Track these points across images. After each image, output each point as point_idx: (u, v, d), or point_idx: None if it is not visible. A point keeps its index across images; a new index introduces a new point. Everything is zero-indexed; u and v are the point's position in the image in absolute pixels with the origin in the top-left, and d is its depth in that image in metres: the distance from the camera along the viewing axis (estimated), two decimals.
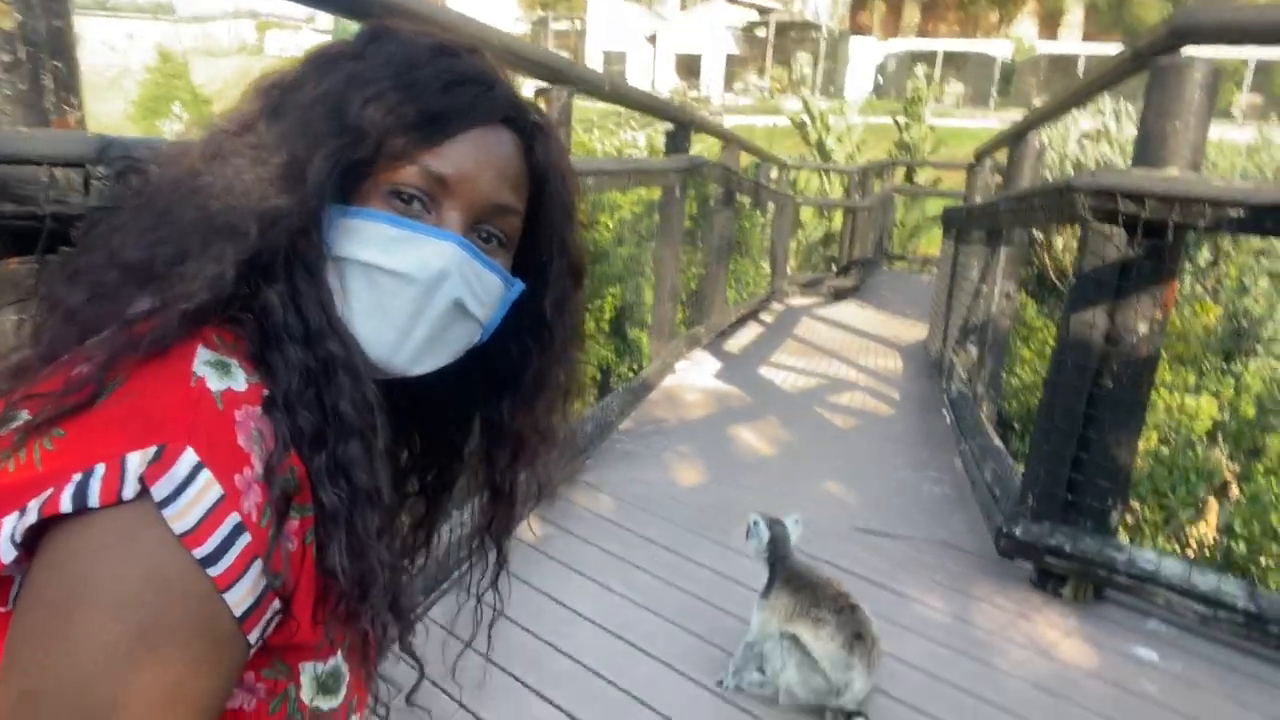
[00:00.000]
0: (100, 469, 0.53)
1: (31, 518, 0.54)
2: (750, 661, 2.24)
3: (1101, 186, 2.60)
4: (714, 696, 2.23)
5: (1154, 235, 2.58)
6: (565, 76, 3.02)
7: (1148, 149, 2.66)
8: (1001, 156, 6.10)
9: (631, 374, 5.86)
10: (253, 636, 0.59)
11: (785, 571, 2.21)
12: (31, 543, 0.55)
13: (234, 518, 0.56)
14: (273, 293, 0.65)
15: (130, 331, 0.60)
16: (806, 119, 15.24)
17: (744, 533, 2.31)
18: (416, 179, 0.69)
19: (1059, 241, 7.27)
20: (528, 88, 2.83)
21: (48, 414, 0.56)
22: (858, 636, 2.10)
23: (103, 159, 1.13)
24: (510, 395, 0.84)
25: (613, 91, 3.37)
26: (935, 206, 13.17)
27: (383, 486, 0.67)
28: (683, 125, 5.14)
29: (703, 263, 6.52)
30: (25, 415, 0.57)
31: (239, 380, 0.60)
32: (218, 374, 0.60)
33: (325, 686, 0.67)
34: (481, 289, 0.73)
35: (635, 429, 4.31)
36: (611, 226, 6.23)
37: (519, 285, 0.78)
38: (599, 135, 9.08)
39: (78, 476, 0.53)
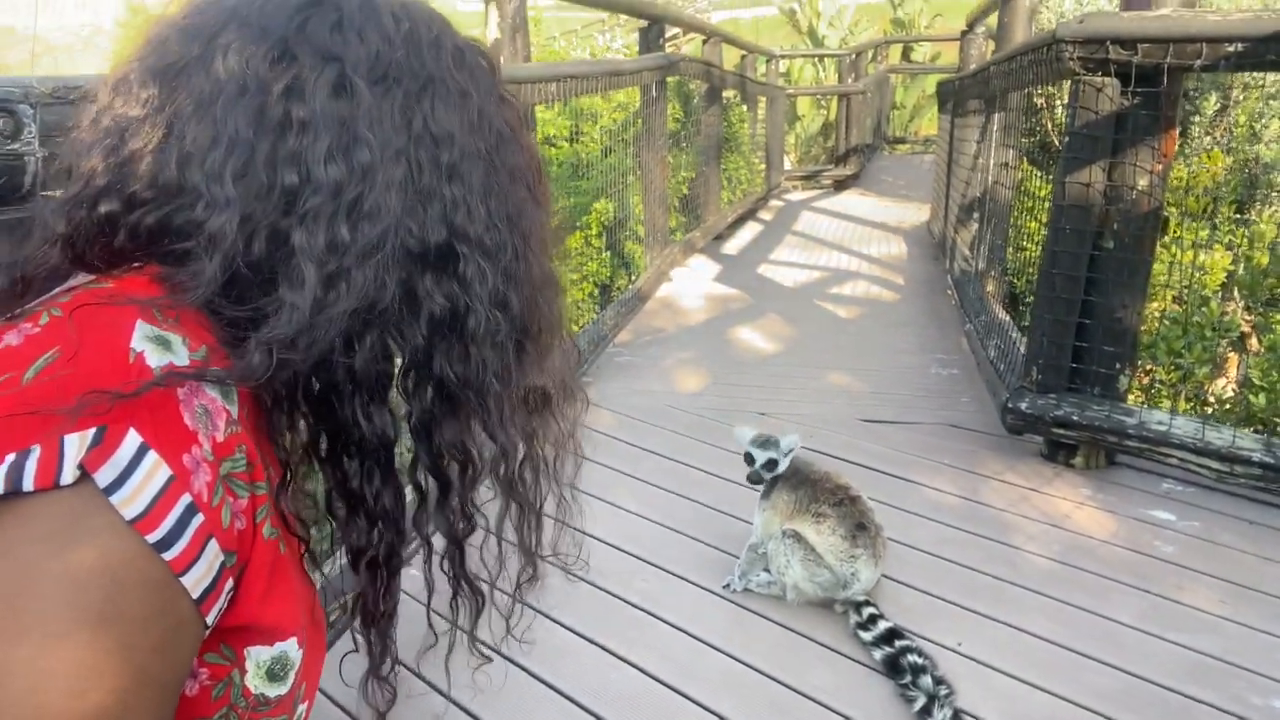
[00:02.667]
0: (36, 450, 0.50)
1: None
2: (755, 563, 2.21)
3: (1090, 34, 2.44)
4: (723, 601, 2.21)
5: (1148, 82, 2.43)
6: None
7: None
8: (994, 22, 5.83)
9: (629, 288, 5.76)
10: (210, 617, 0.57)
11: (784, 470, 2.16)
12: None
13: (185, 499, 0.53)
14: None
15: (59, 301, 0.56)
16: (796, 6, 14.66)
17: (764, 465, 2.20)
18: None
19: (1061, 105, 7.00)
20: None
21: None
22: (860, 527, 2.06)
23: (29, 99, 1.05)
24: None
25: None
26: (935, 84, 12.75)
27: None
28: (654, 21, 4.92)
29: (692, 165, 6.33)
30: None
31: (180, 355, 0.57)
32: (158, 349, 0.57)
33: (272, 673, 0.64)
34: None
35: (633, 340, 4.24)
36: (596, 137, 6.04)
37: None
38: (576, 43, 8.77)
39: (11, 457, 0.50)
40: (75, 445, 0.50)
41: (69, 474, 0.50)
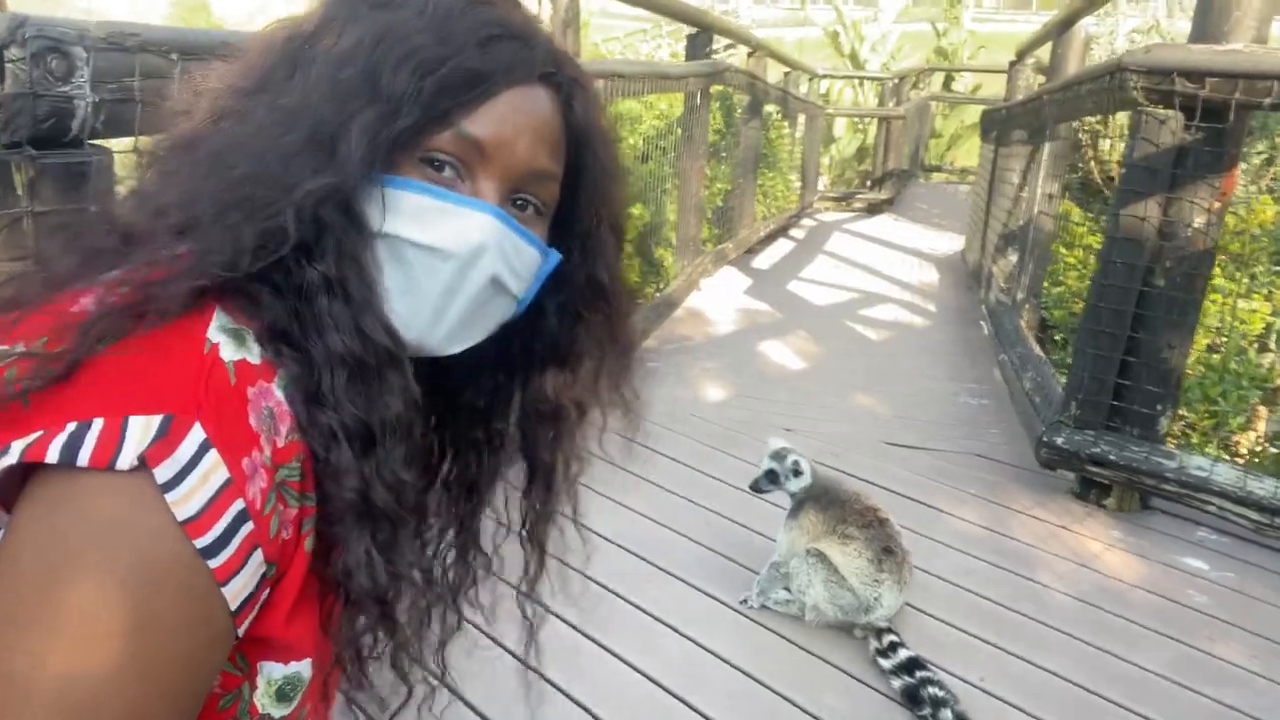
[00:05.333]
0: (98, 425, 0.47)
1: (13, 458, 0.47)
2: (776, 580, 2.15)
3: (1155, 65, 2.37)
4: (737, 614, 2.15)
5: (1214, 118, 2.36)
6: None
7: (1207, 22, 2.42)
8: (1046, 55, 5.75)
9: (657, 294, 5.72)
10: (242, 629, 0.54)
11: (812, 489, 2.10)
12: (3, 490, 0.48)
13: (239, 504, 0.51)
14: (314, 273, 0.58)
15: (145, 286, 0.53)
16: (839, 28, 14.60)
17: (765, 475, 2.15)
18: (451, 145, 0.62)
19: (1105, 143, 6.92)
20: None
21: (45, 353, 0.49)
22: (887, 551, 2.00)
23: (15, 39, 1.01)
24: (551, 368, 0.77)
25: None
26: (975, 115, 12.63)
27: (410, 494, 0.63)
28: (703, 29, 4.88)
29: (729, 177, 6.29)
30: (20, 348, 0.49)
31: (254, 352, 0.55)
32: (233, 343, 0.54)
33: (281, 692, 0.61)
34: (519, 263, 0.67)
35: (659, 347, 4.19)
36: (634, 142, 6.01)
37: (555, 257, 0.71)
38: (620, 51, 8.76)
39: (72, 426, 0.47)
40: (139, 431, 0.48)
41: (127, 459, 0.47)
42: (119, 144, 1.17)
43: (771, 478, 2.11)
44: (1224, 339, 4.00)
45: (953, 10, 15.17)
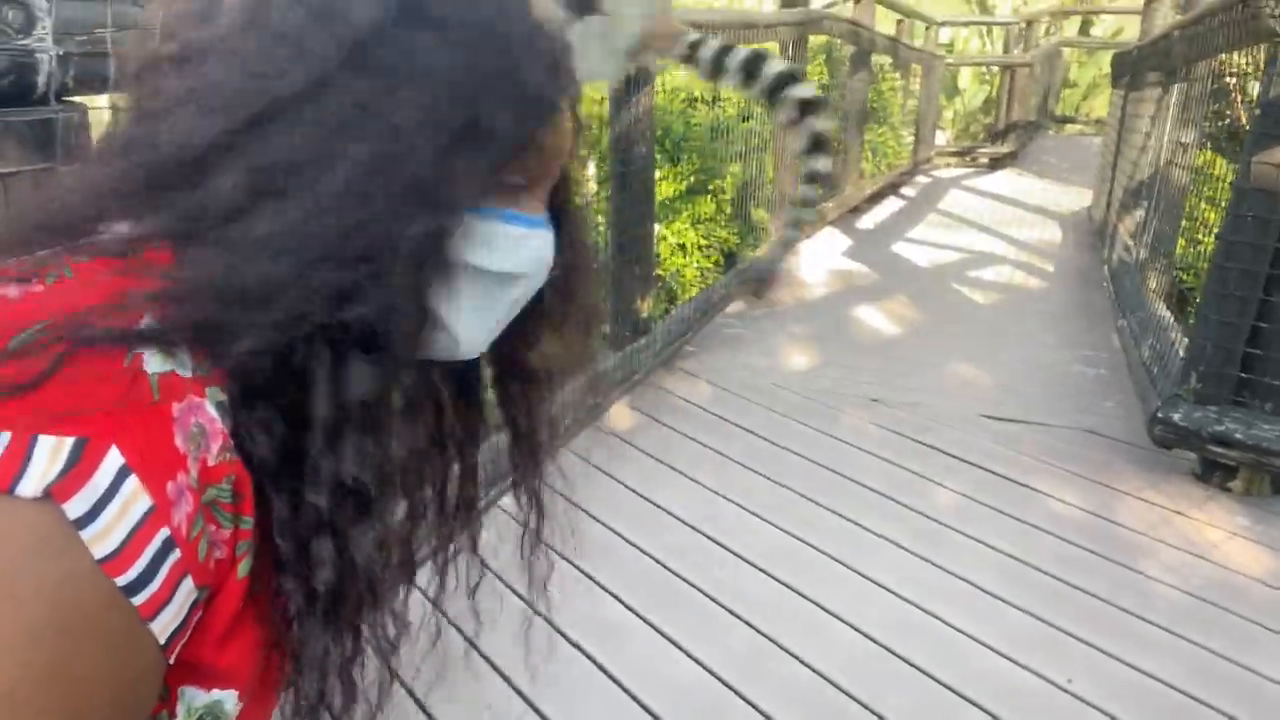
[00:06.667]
0: (4, 438, 0.41)
1: None
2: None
3: None
4: (801, 600, 2.02)
5: None
6: None
7: None
8: None
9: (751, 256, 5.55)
10: (172, 658, 0.49)
11: None
12: None
13: (163, 533, 0.46)
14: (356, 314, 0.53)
15: (85, 315, 0.46)
16: None
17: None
18: (521, 168, 0.60)
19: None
20: None
21: None
22: None
23: None
24: (521, 331, 0.74)
25: None
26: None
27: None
28: None
29: (831, 133, 6.01)
30: None
31: (184, 364, 0.49)
32: (160, 353, 0.48)
33: None
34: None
35: (745, 312, 4.03)
36: (735, 100, 5.81)
37: (554, 242, 0.68)
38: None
39: None
40: (47, 455, 0.42)
41: (31, 486, 0.41)
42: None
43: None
44: None
45: None
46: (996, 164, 9.11)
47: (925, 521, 2.34)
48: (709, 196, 6.16)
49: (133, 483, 0.44)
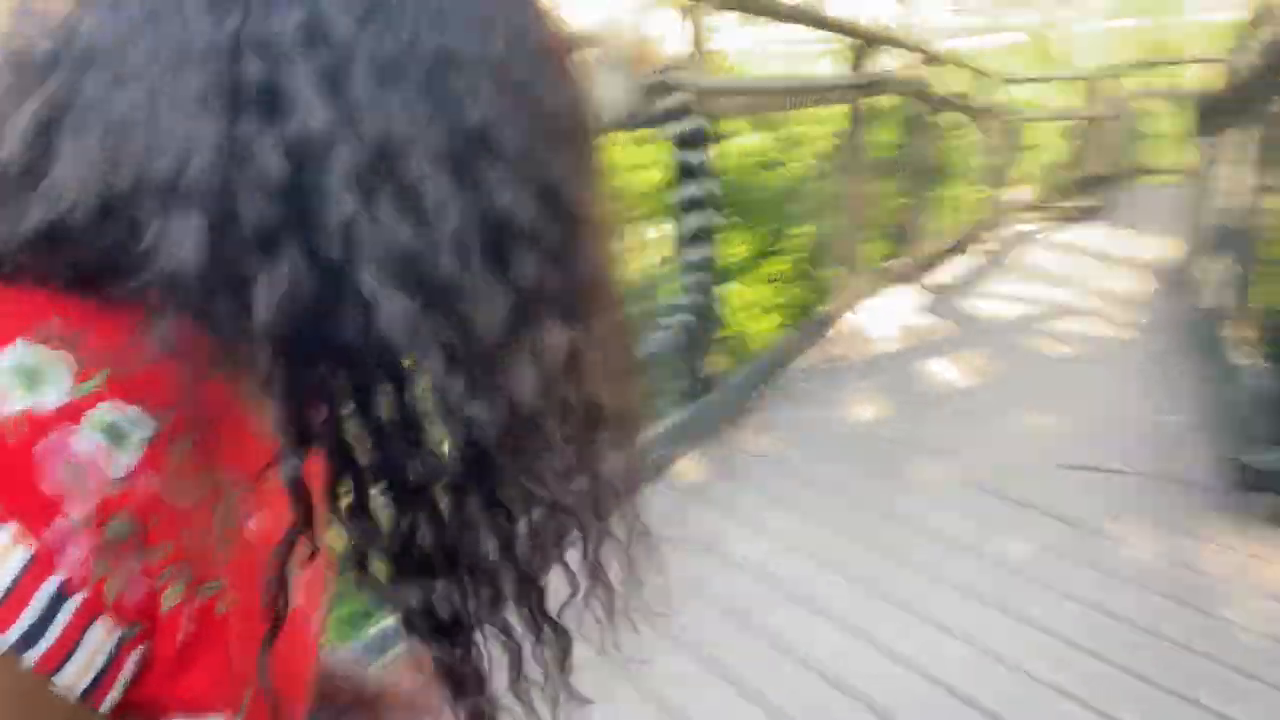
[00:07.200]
0: None
1: None
2: None
3: None
4: (870, 647, 2.01)
5: None
6: None
7: None
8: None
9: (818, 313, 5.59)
10: (105, 705, 0.46)
11: None
12: None
13: (51, 583, 0.42)
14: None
15: None
16: (1043, 30, 13.74)
17: None
18: None
19: None
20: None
21: None
22: None
23: None
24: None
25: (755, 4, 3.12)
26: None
27: None
28: (868, 41, 4.74)
29: (902, 191, 6.04)
30: None
31: (51, 394, 0.44)
32: (19, 385, 0.43)
33: None
34: None
35: (814, 366, 4.05)
36: (805, 160, 5.93)
37: None
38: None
39: None
40: None
41: None
42: None
43: None
44: None
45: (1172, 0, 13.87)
46: (1078, 216, 8.95)
47: (1002, 571, 2.31)
48: (780, 255, 6.24)
49: (3, 536, 0.41)
